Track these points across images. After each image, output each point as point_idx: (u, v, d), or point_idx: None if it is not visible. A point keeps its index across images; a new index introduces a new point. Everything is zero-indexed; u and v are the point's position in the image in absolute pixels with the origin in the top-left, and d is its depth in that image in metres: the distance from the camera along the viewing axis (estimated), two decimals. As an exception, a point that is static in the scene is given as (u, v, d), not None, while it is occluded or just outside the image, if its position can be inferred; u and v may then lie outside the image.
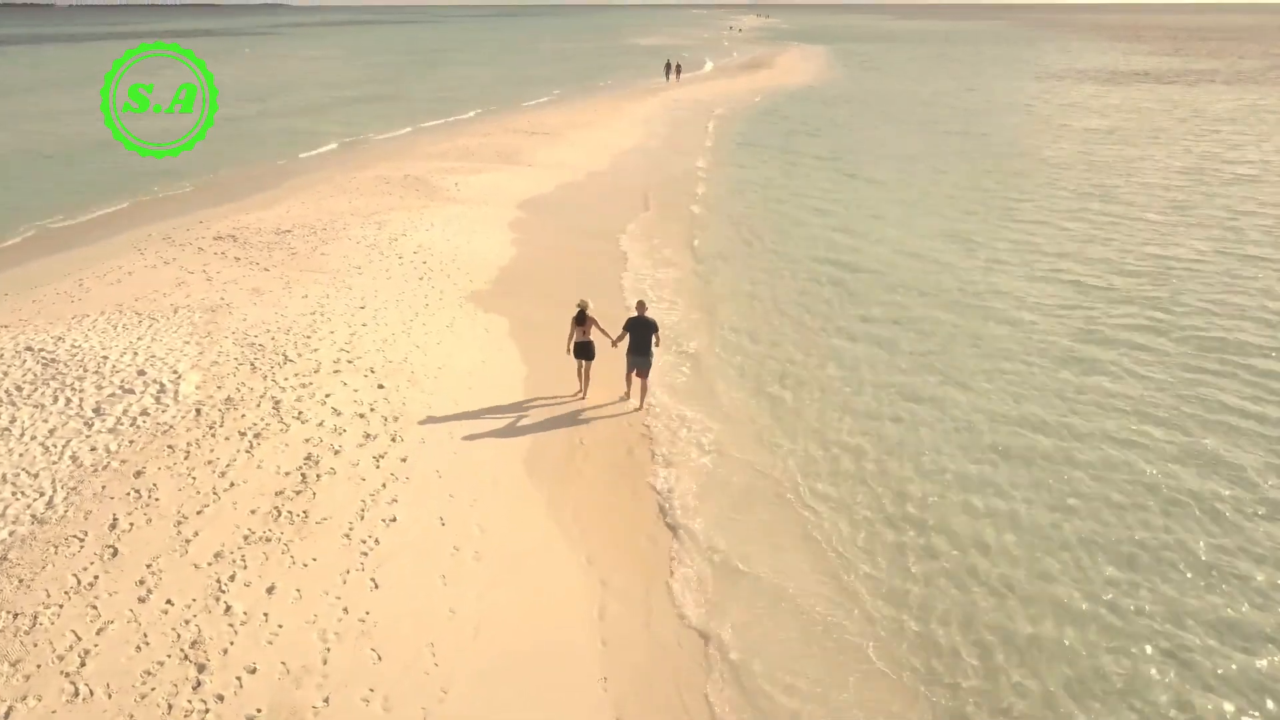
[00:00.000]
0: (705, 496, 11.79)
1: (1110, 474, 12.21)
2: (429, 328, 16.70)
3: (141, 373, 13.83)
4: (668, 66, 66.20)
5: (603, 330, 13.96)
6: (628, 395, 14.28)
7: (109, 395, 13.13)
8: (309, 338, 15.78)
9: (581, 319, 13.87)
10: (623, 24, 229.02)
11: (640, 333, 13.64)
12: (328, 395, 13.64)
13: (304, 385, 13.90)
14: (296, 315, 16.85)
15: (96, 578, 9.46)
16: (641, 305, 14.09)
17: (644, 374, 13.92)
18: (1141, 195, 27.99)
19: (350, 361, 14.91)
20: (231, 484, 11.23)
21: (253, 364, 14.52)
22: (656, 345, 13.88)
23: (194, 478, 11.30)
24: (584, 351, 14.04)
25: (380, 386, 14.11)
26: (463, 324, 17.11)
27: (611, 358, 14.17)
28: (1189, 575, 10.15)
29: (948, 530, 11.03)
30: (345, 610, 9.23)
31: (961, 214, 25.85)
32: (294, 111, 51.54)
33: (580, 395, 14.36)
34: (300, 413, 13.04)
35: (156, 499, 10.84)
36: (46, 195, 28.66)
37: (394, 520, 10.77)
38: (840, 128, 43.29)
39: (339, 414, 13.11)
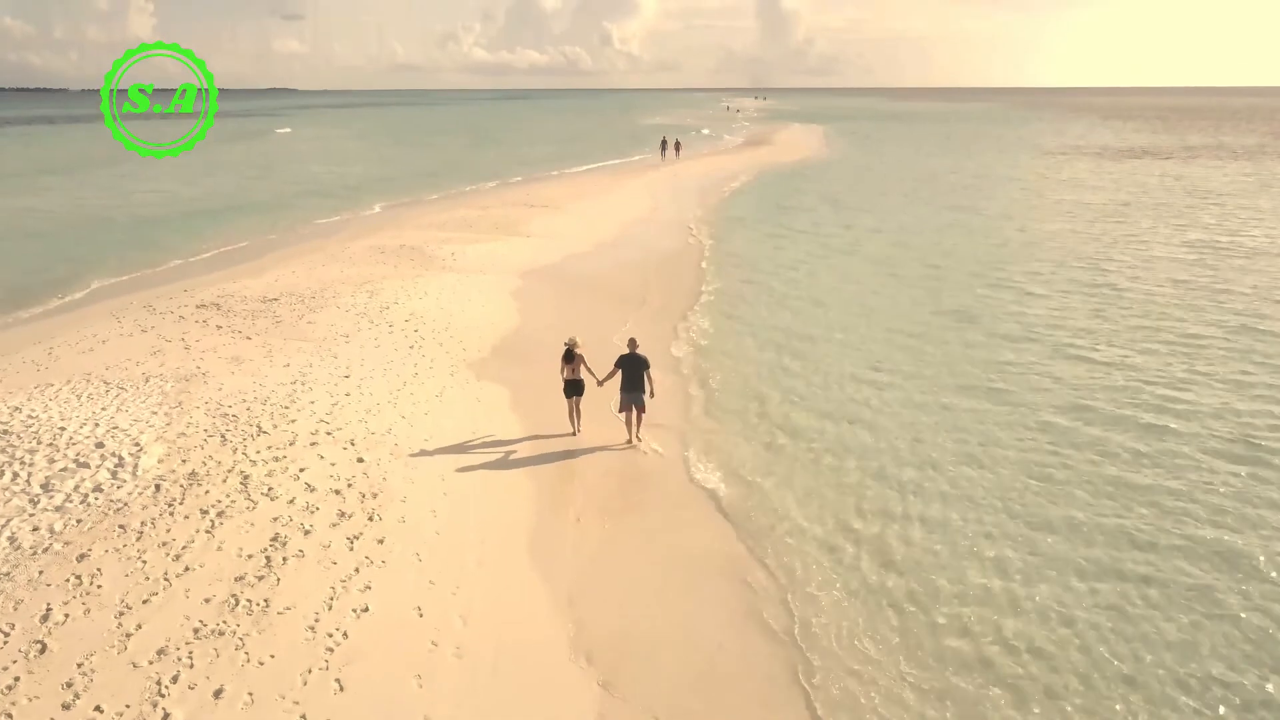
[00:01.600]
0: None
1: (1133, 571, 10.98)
2: (417, 397, 15.68)
3: (100, 445, 12.74)
4: (664, 143, 66.45)
5: (589, 370, 14.17)
6: (629, 439, 14.16)
7: (61, 470, 12.02)
8: (287, 408, 14.73)
9: (570, 357, 14.13)
10: (625, 106, 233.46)
11: (632, 369, 13.77)
12: (302, 470, 12.52)
13: (277, 459, 12.79)
14: (276, 385, 15.84)
15: (17, 679, 8.22)
16: (633, 342, 14.17)
17: (640, 409, 13.97)
18: (1148, 270, 26.78)
19: (329, 433, 13.83)
20: (186, 568, 10.04)
21: (223, 436, 13.44)
22: (649, 382, 13.87)
23: (144, 561, 10.11)
24: (573, 389, 14.27)
25: (360, 460, 13.00)
26: (453, 393, 16.09)
27: (604, 396, 14.25)
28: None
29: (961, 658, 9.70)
30: (303, 717, 7.97)
31: (961, 290, 24.49)
32: (296, 186, 51.57)
33: (574, 433, 14.42)
34: (270, 489, 11.91)
35: (99, 586, 9.64)
36: (35, 267, 27.94)
37: (366, 610, 9.56)
38: (839, 203, 42.72)
39: (312, 490, 11.98)
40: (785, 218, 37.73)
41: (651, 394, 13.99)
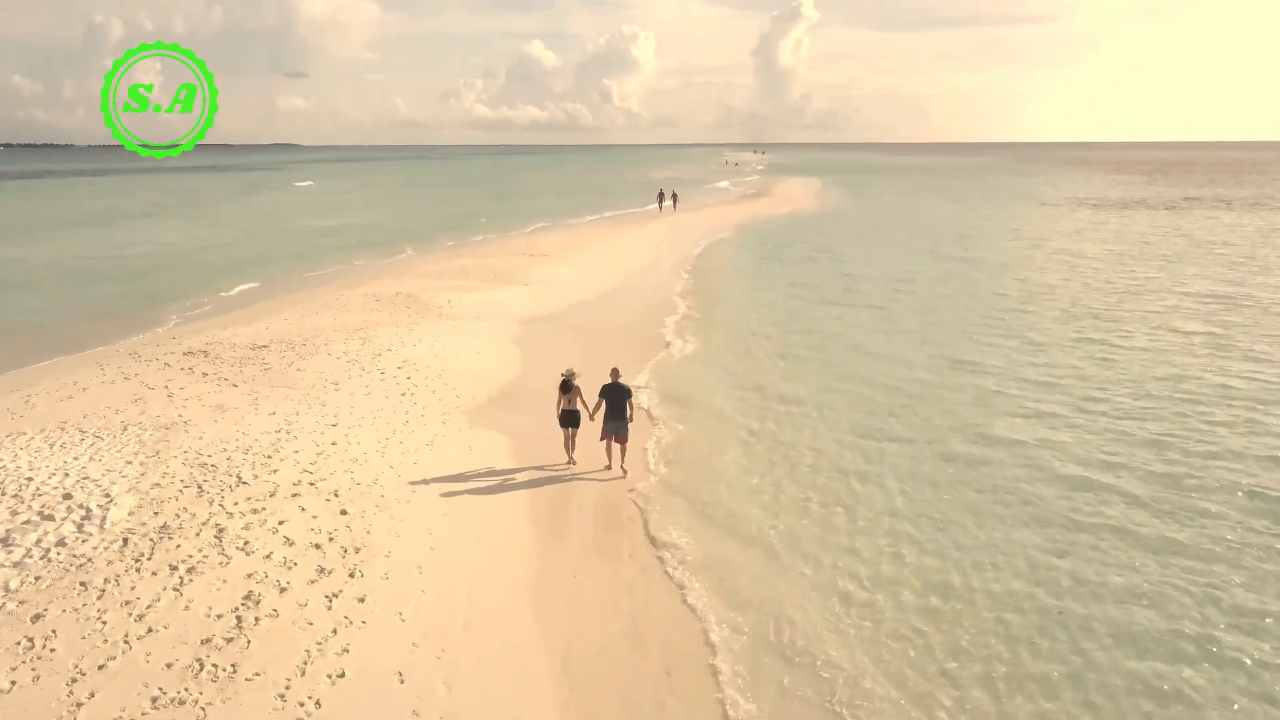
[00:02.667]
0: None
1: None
2: (406, 446, 15.01)
3: (68, 496, 12.05)
4: (661, 195, 66.71)
5: (584, 402, 14.53)
6: (609, 465, 14.54)
7: (23, 522, 11.30)
8: (270, 457, 14.06)
9: (567, 387, 14.51)
10: (627, 161, 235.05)
11: (615, 399, 14.15)
12: (281, 522, 11.81)
13: (255, 511, 12.09)
14: (259, 433, 15.18)
15: (-48, 756, 7.45)
16: (615, 372, 14.55)
17: (622, 439, 14.37)
18: (1154, 325, 25.56)
19: (313, 484, 13.14)
20: (149, 629, 9.28)
21: (200, 486, 12.74)
22: (631, 411, 14.32)
23: (104, 622, 9.36)
24: (570, 419, 14.57)
25: (343, 512, 12.29)
26: (445, 441, 15.43)
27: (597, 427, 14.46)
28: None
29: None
30: (266, 799, 7.19)
31: (959, 346, 22.83)
32: (298, 237, 51.51)
33: (569, 462, 14.69)
34: (246, 543, 11.18)
35: (52, 650, 8.88)
36: (26, 317, 27.48)
37: (342, 676, 8.79)
38: (836, 254, 42.11)
39: (291, 544, 11.25)
40: (783, 268, 37.41)
41: (631, 418, 14.37)
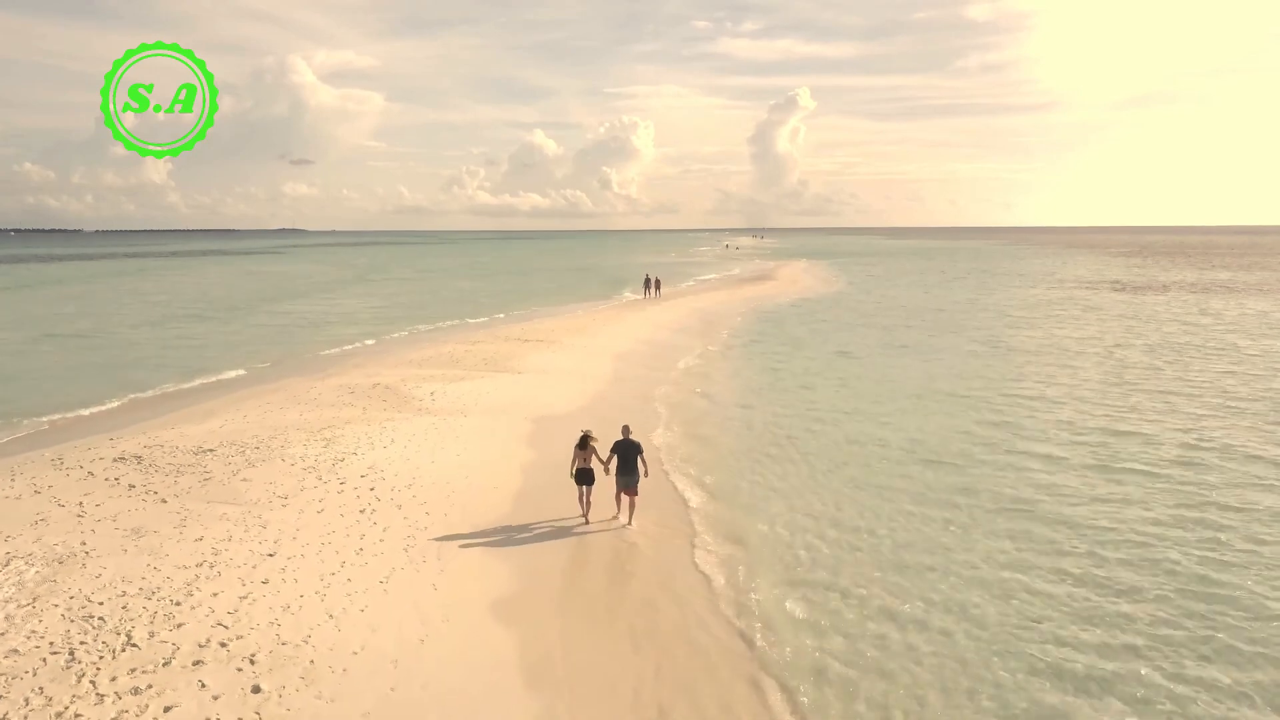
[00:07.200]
0: None
1: None
2: (355, 584, 12.10)
3: (-118, 675, 9.10)
4: (646, 281, 64.87)
5: (600, 459, 14.99)
6: (617, 516, 15.02)
7: None
8: (178, 604, 11.14)
9: (584, 445, 15.01)
10: (626, 246, 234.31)
11: (627, 454, 14.76)
12: (167, 709, 8.83)
13: (136, 690, 9.11)
14: (175, 568, 12.28)
15: None
16: (626, 429, 15.23)
17: (632, 492, 14.90)
18: (1208, 434, 22.25)
19: (224, 644, 10.19)
20: None
21: (72, 653, 9.79)
22: (643, 465, 14.83)
23: None
24: (585, 477, 14.95)
25: (256, 689, 9.32)
26: (403, 578, 12.49)
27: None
28: None
29: None
30: None
31: (989, 470, 19.51)
32: (277, 323, 49.22)
33: (583, 519, 14.97)
34: (110, 745, 8.20)
35: None
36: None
37: None
38: (848, 340, 39.43)
39: (173, 746, 8.27)
40: (800, 354, 34.74)
41: (646, 473, 14.97)
